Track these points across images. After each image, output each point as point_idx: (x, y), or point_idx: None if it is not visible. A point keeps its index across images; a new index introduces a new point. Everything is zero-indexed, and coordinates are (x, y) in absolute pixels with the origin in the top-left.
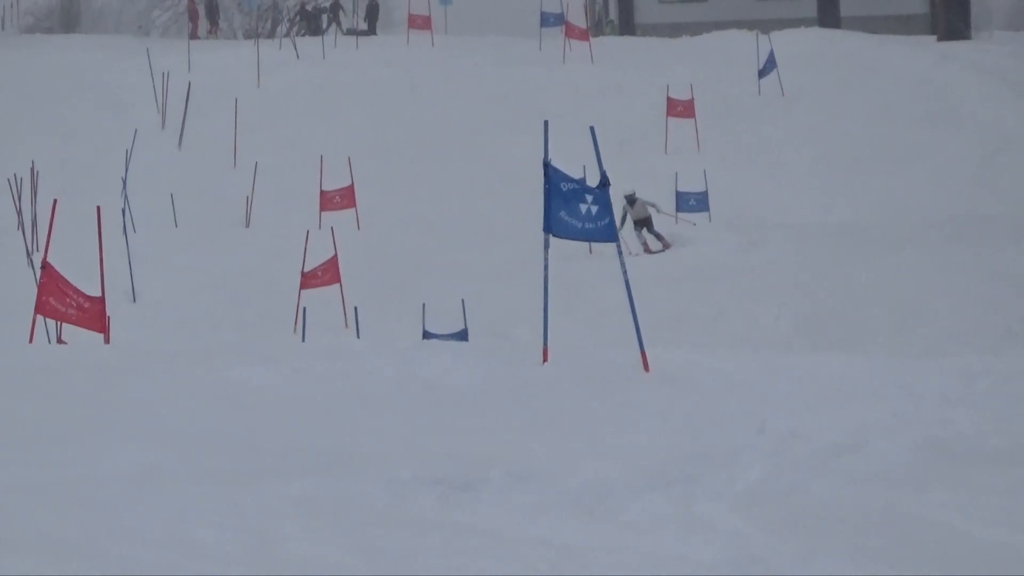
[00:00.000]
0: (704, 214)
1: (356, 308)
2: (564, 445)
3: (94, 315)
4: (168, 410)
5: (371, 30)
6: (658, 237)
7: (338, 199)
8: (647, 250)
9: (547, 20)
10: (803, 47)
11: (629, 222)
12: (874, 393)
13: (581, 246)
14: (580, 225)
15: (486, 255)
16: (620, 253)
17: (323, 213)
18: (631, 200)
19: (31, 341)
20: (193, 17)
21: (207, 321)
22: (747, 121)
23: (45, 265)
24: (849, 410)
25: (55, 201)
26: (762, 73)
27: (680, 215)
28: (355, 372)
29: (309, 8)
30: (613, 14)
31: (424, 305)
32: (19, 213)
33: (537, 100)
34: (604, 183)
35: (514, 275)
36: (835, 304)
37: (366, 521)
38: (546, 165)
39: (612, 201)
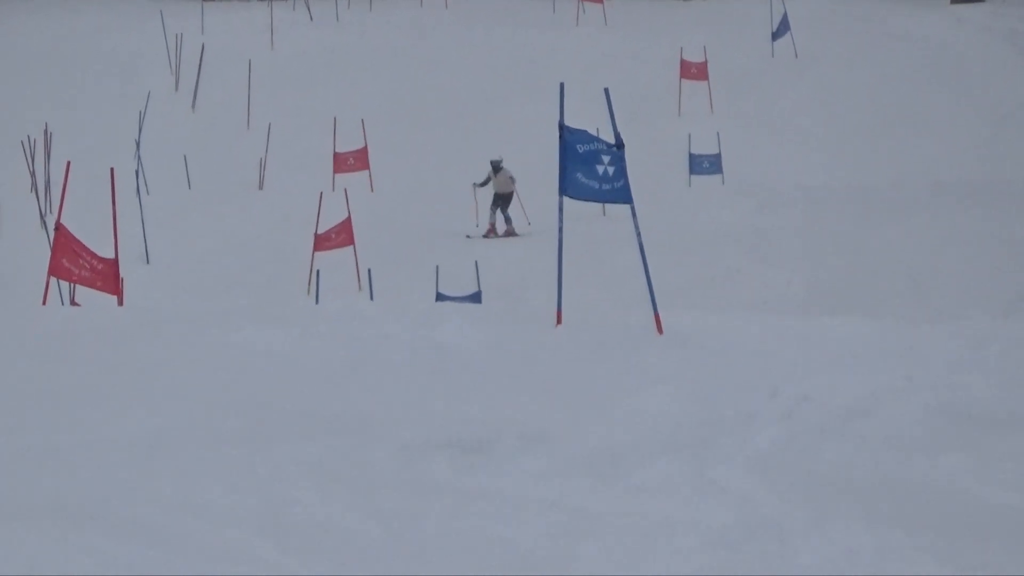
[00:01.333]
0: (717, 176)
1: (369, 270)
2: (576, 408)
3: (108, 277)
4: (181, 373)
5: None
6: (508, 220)
7: (352, 161)
8: (491, 230)
9: None
10: (817, 10)
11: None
12: (886, 357)
13: (595, 209)
14: (597, 186)
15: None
16: (634, 215)
17: (336, 175)
18: (496, 167)
19: (44, 303)
20: None
21: (220, 283)
22: (760, 84)
23: (59, 227)
24: (861, 374)
25: (68, 163)
26: (776, 35)
27: (693, 177)
28: (368, 335)
29: None
30: None
31: (438, 267)
32: (32, 175)
33: (550, 63)
34: (619, 145)
35: (528, 238)
36: (847, 268)
37: (378, 484)
38: (561, 127)
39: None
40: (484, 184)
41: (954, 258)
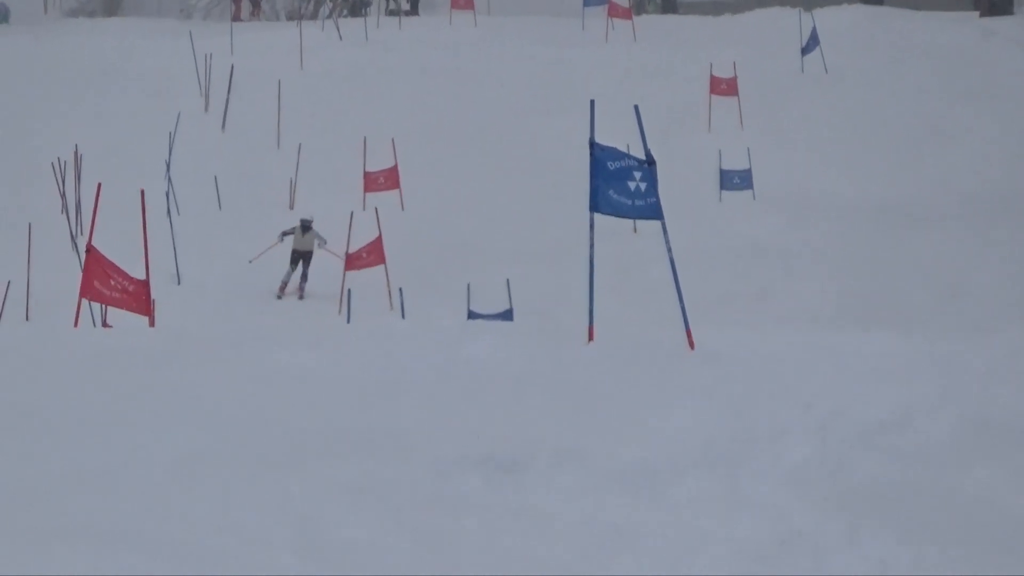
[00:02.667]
0: (748, 192)
1: (401, 289)
2: (609, 425)
3: (139, 298)
4: (213, 394)
5: (414, 10)
6: (304, 278)
7: (382, 180)
8: (282, 290)
9: (590, 0)
10: (846, 24)
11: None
12: (919, 370)
13: (626, 226)
14: (629, 203)
15: (531, 235)
16: (665, 231)
17: (367, 194)
18: (305, 227)
19: (76, 325)
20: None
21: (252, 304)
22: (790, 99)
23: (90, 249)
24: (894, 388)
25: (99, 185)
26: (805, 51)
27: (724, 193)
28: (400, 354)
29: None
30: None
31: (469, 286)
32: (63, 197)
33: (580, 80)
34: (649, 162)
35: (559, 255)
36: (878, 282)
37: (411, 502)
38: (592, 144)
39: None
40: (286, 234)
41: (985, 270)
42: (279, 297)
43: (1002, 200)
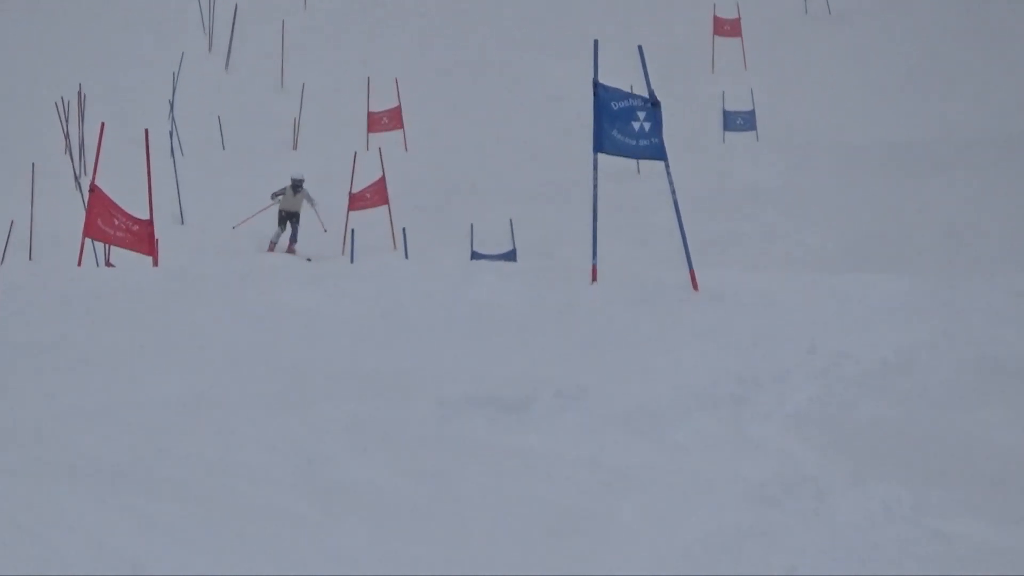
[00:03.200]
0: (751, 133)
1: (404, 229)
2: (613, 366)
3: (142, 238)
4: (216, 333)
5: None
6: (293, 239)
7: (385, 120)
8: (271, 250)
9: None
10: None
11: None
12: (923, 313)
13: (629, 167)
14: (633, 143)
15: (534, 176)
16: (669, 172)
17: (370, 134)
18: (296, 186)
19: (80, 264)
20: None
21: (254, 244)
22: (794, 40)
23: (93, 188)
24: (898, 330)
25: (103, 125)
26: None
27: (727, 134)
28: (403, 293)
29: None
30: None
31: (472, 226)
32: (67, 137)
33: (584, 20)
34: (653, 103)
35: (563, 195)
36: (883, 224)
37: (415, 443)
38: (596, 84)
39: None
40: (277, 195)
41: (991, 213)
42: (270, 249)
43: (1008, 142)
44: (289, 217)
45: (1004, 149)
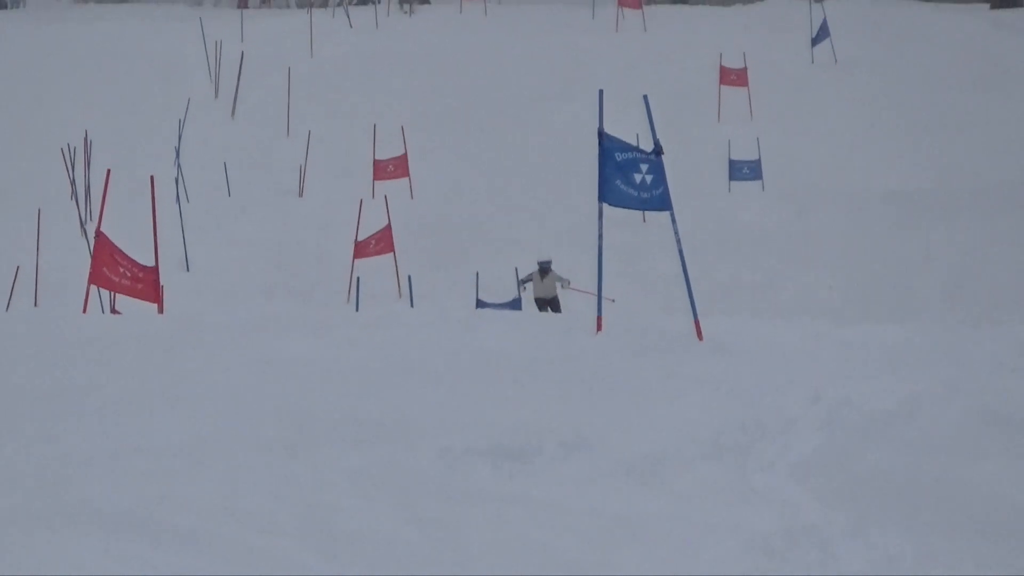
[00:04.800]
0: (757, 182)
1: (409, 277)
2: (618, 415)
3: (148, 285)
4: (222, 380)
5: None
6: None
7: (391, 168)
8: None
9: None
10: (856, 15)
11: (530, 294)
12: (927, 362)
13: (635, 215)
14: (636, 194)
15: (540, 224)
16: (674, 222)
17: (376, 182)
18: (544, 269)
19: (85, 311)
20: None
21: (261, 291)
22: (800, 89)
23: (99, 235)
24: (902, 379)
25: (108, 171)
26: (815, 41)
27: (733, 183)
28: (409, 342)
29: None
30: None
31: (477, 274)
32: (72, 183)
33: (590, 69)
34: (657, 152)
35: (568, 244)
36: (887, 272)
37: (419, 491)
38: (601, 134)
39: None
40: (525, 282)
41: (995, 262)
42: None
43: (1011, 191)
44: (546, 305)
45: (1008, 198)
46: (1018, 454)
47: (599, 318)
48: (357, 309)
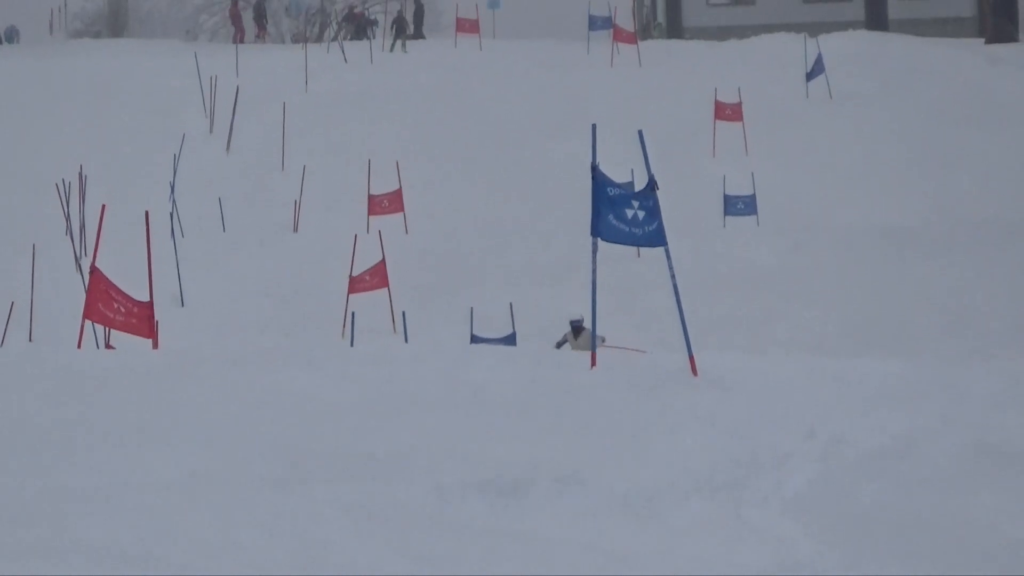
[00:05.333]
0: (752, 217)
1: (404, 313)
2: (612, 450)
3: (142, 320)
4: (217, 415)
5: (418, 33)
6: None
7: (386, 203)
8: None
9: (595, 24)
10: (851, 50)
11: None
12: (922, 397)
13: (629, 249)
14: (628, 230)
15: (534, 258)
16: (668, 257)
17: (371, 217)
18: (576, 329)
19: (79, 346)
20: (236, 21)
21: (255, 325)
22: (795, 124)
23: (94, 270)
24: (897, 414)
25: (103, 206)
26: (810, 76)
27: (728, 218)
28: (403, 377)
29: (356, 12)
30: (661, 17)
31: (472, 309)
32: (67, 218)
33: (585, 104)
34: (652, 186)
35: (562, 278)
36: (882, 307)
37: (414, 526)
38: (594, 169)
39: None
40: (561, 344)
41: (989, 297)
42: None
43: (1007, 226)
44: None
45: (1004, 232)
46: (1014, 488)
47: (593, 353)
48: (352, 344)
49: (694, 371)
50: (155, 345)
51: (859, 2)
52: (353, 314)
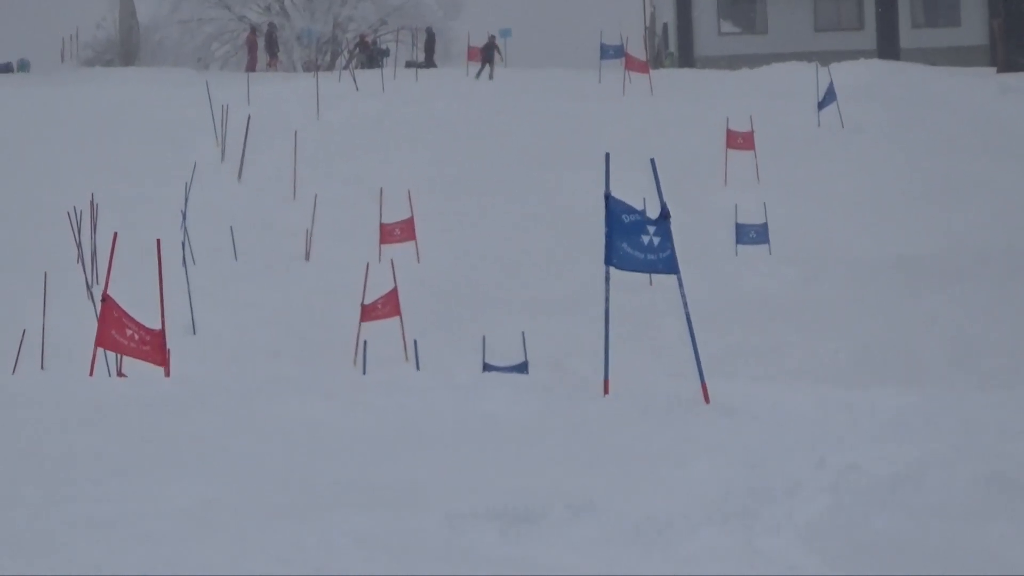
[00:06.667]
0: (764, 246)
1: (416, 341)
2: (624, 478)
3: (154, 348)
4: (228, 444)
5: (429, 62)
6: None
7: (398, 232)
8: None
9: (607, 53)
10: (863, 79)
11: None
12: (933, 426)
13: (642, 278)
14: (642, 256)
15: (546, 287)
16: (681, 285)
17: (383, 246)
18: None
19: (91, 374)
20: (252, 49)
21: (267, 354)
22: (807, 153)
23: (105, 298)
24: (908, 443)
25: (115, 234)
26: (822, 105)
27: (740, 247)
28: (415, 405)
29: (368, 40)
30: (673, 46)
31: (484, 338)
32: (79, 247)
33: (597, 133)
34: (664, 215)
35: (575, 306)
36: (894, 337)
37: (426, 555)
38: (607, 197)
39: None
40: None
41: (1001, 326)
42: None
43: (1018, 256)
44: None
45: (1015, 263)
46: None
47: (606, 381)
48: (364, 372)
49: (706, 399)
50: (167, 373)
51: (871, 31)
52: (365, 343)
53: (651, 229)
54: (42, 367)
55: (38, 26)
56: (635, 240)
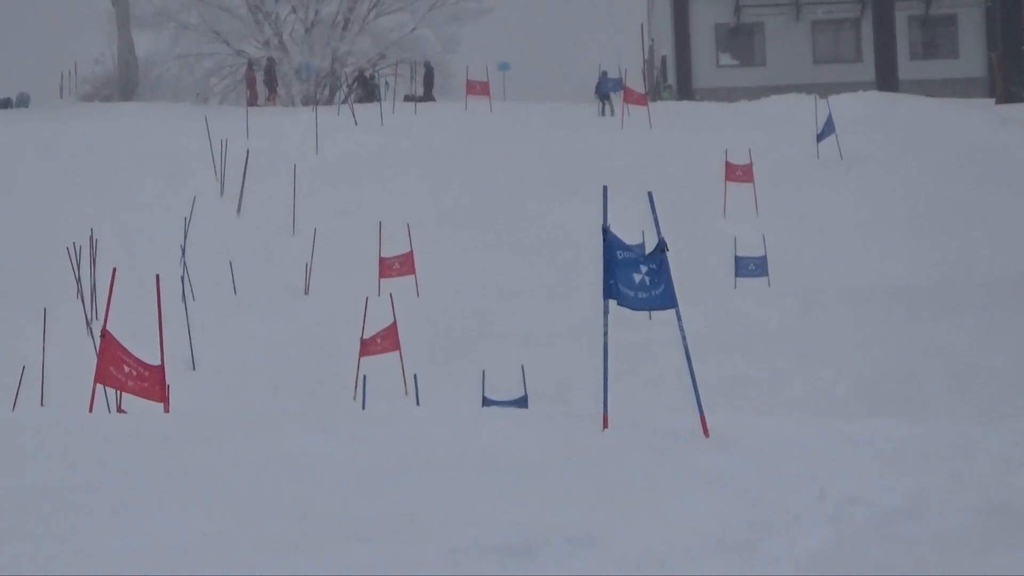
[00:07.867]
0: (763, 279)
1: (415, 375)
2: (624, 512)
3: (154, 384)
4: (228, 478)
5: (428, 95)
6: None
7: (397, 266)
8: None
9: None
10: (862, 111)
11: None
12: (933, 457)
13: (641, 312)
14: (633, 295)
15: (546, 319)
16: (679, 319)
17: (382, 280)
18: None
19: (91, 410)
20: (251, 84)
21: (267, 388)
22: (806, 185)
23: (105, 334)
24: (909, 474)
25: (114, 269)
26: (821, 137)
27: (739, 280)
28: (415, 439)
29: (366, 75)
30: (671, 79)
31: (484, 372)
32: (78, 282)
33: (596, 165)
34: (661, 248)
35: (574, 339)
36: (894, 367)
37: None
38: (605, 231)
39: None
40: None
41: (1001, 356)
42: None
43: (1017, 286)
44: None
45: (1015, 293)
46: None
47: (605, 415)
48: (363, 406)
49: (706, 432)
50: (166, 409)
51: (869, 63)
52: (364, 377)
53: (643, 268)
54: (42, 403)
55: (37, 61)
56: (627, 278)
